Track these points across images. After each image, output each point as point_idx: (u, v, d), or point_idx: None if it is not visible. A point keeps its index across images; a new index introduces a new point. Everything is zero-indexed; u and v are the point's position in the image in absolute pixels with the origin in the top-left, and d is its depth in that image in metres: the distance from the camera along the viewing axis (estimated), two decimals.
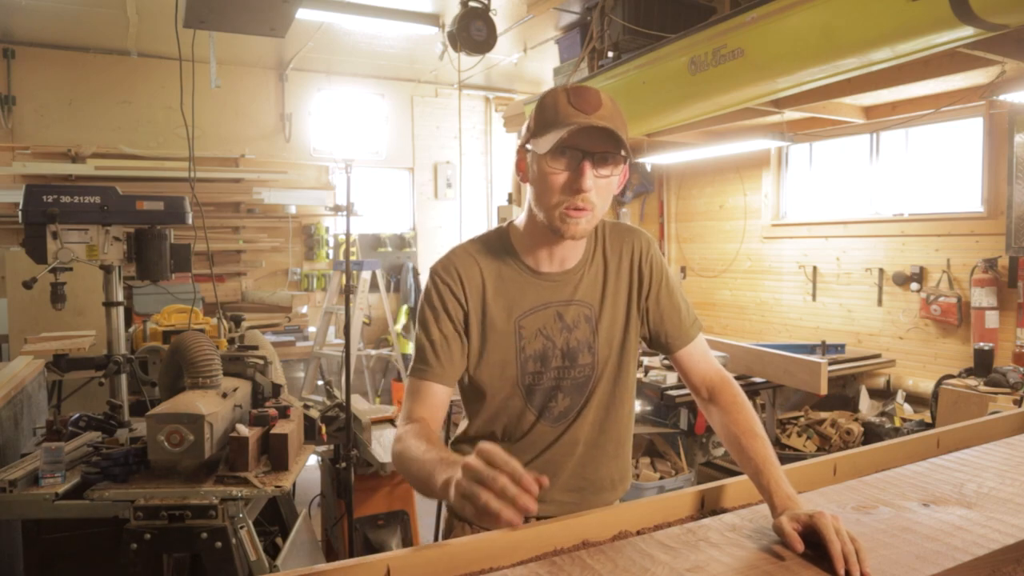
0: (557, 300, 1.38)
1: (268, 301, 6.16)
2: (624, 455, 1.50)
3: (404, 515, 3.11)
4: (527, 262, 1.38)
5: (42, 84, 5.74)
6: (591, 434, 1.42)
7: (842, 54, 2.99)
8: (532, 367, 1.37)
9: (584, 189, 1.23)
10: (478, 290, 1.36)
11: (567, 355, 1.38)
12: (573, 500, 1.42)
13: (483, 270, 1.37)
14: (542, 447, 1.41)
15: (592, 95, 1.25)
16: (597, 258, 1.42)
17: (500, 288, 1.37)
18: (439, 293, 1.36)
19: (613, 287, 1.41)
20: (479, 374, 1.39)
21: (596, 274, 1.41)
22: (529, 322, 1.36)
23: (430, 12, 5.11)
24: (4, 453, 2.34)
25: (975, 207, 4.89)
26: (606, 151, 1.24)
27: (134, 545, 1.93)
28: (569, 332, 1.38)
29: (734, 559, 1.00)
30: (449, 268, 1.37)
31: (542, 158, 1.25)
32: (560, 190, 1.25)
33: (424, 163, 7.26)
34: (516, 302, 1.37)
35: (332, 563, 0.99)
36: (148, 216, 2.42)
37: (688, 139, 5.75)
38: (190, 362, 2.21)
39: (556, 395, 1.39)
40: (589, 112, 1.22)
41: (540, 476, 0.95)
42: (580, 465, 1.43)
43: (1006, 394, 3.71)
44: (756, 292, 6.62)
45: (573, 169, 1.24)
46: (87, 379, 2.58)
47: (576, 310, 1.39)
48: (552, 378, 1.38)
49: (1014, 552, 1.00)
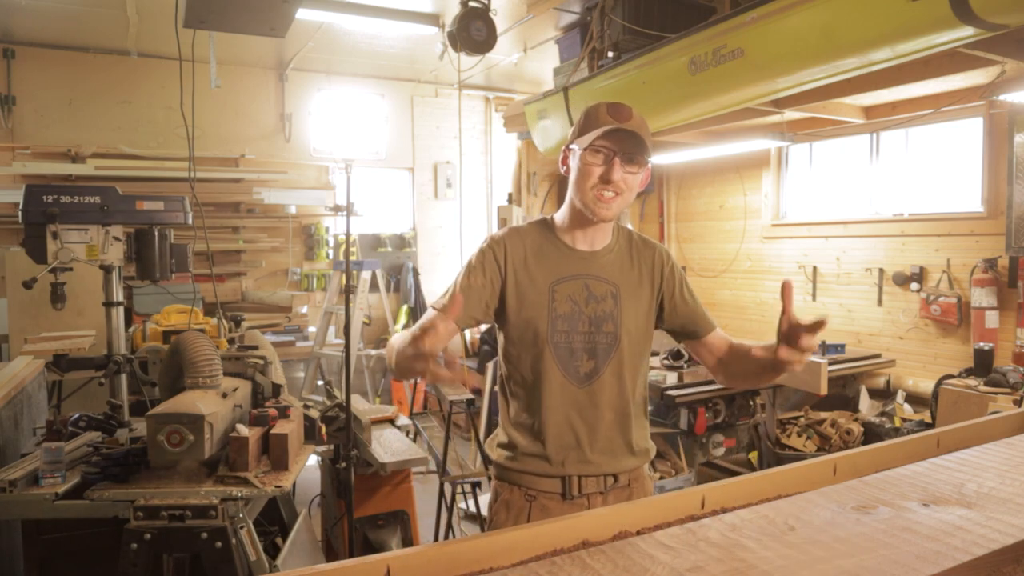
0: (586, 273, 1.66)
1: (268, 301, 6.16)
2: (645, 425, 1.75)
3: (404, 515, 3.11)
4: (565, 240, 1.69)
5: (42, 84, 5.74)
6: (615, 399, 1.65)
7: (842, 54, 2.99)
8: (561, 326, 1.62)
9: (613, 180, 1.56)
10: (521, 259, 1.65)
11: (593, 322, 1.63)
12: (607, 461, 1.65)
13: (527, 245, 1.67)
14: (575, 408, 1.63)
15: (626, 109, 1.59)
16: (621, 248, 1.72)
17: (541, 258, 1.66)
18: (483, 254, 1.66)
19: (636, 276, 1.69)
20: (515, 329, 1.65)
21: (619, 259, 1.70)
22: (561, 288, 1.64)
23: (430, 12, 5.11)
24: (4, 453, 2.35)
25: (975, 207, 4.89)
26: (633, 152, 1.57)
27: (134, 545, 1.93)
28: (597, 303, 1.64)
29: (734, 559, 1.01)
30: (499, 239, 1.68)
31: (583, 154, 1.58)
32: (595, 179, 1.58)
33: (424, 163, 7.26)
34: (553, 270, 1.65)
35: (332, 563, 0.99)
36: (148, 216, 2.43)
37: (688, 139, 5.75)
38: (190, 362, 2.21)
39: (582, 356, 1.63)
40: (622, 121, 1.56)
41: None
42: (610, 428, 1.65)
43: (1006, 394, 3.71)
44: (756, 292, 6.62)
45: (606, 164, 1.57)
46: (87, 379, 2.58)
47: (603, 286, 1.66)
48: (580, 341, 1.63)
49: (1014, 552, 1.00)
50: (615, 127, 1.54)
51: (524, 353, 1.64)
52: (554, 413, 1.62)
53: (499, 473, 1.72)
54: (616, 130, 1.54)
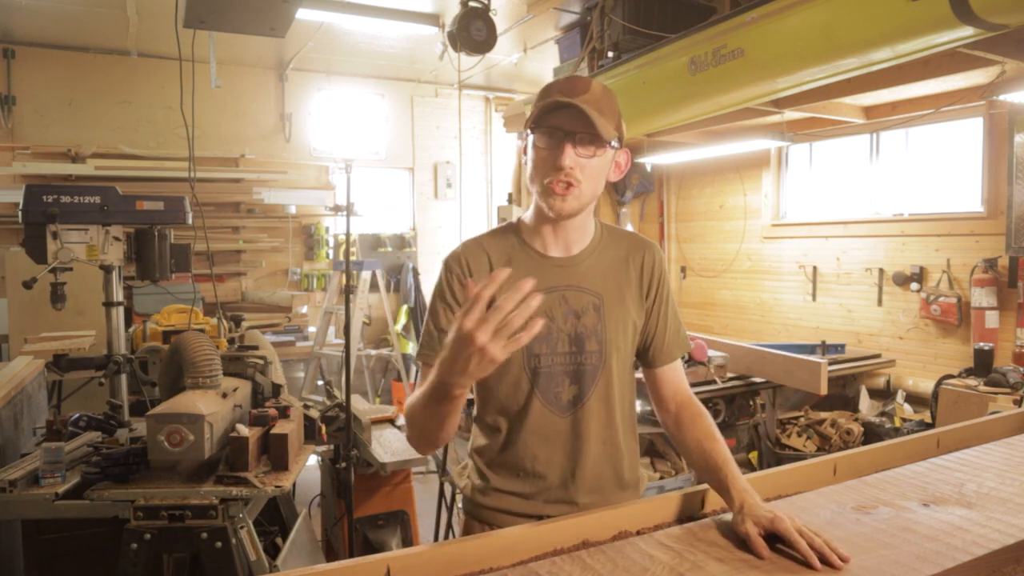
0: (563, 284, 1.41)
1: (268, 301, 6.16)
2: (635, 450, 1.52)
3: (404, 515, 3.11)
4: (535, 246, 1.44)
5: (42, 84, 5.74)
6: (602, 429, 1.43)
7: (842, 54, 2.99)
8: (537, 348, 1.38)
9: (563, 166, 1.29)
10: (485, 275, 1.39)
11: (574, 340, 1.40)
12: (594, 501, 1.41)
13: (491, 256, 1.43)
14: (557, 441, 1.41)
15: (582, 82, 1.32)
16: (605, 250, 1.46)
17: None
18: (448, 283, 1.42)
19: (622, 282, 1.45)
20: None
21: (602, 265, 1.44)
22: None
23: (430, 12, 5.11)
24: (4, 453, 2.34)
25: (975, 207, 4.89)
26: (585, 132, 1.29)
27: (134, 545, 1.92)
28: (577, 319, 1.40)
29: (734, 559, 1.00)
30: (458, 258, 1.44)
31: (534, 138, 1.34)
32: (544, 166, 1.32)
33: (424, 163, 7.26)
34: None
35: (332, 563, 0.99)
36: (148, 216, 2.42)
37: (688, 139, 5.76)
38: (190, 362, 2.21)
39: (563, 381, 1.40)
40: (573, 95, 1.29)
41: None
42: (597, 463, 1.43)
43: (1006, 394, 3.71)
44: (756, 292, 6.62)
45: (555, 148, 1.31)
46: (87, 379, 2.58)
47: (583, 297, 1.41)
48: (560, 363, 1.40)
49: (1014, 552, 1.00)
50: (559, 100, 1.28)
51: (497, 382, 1.41)
52: (533, 448, 1.41)
53: (470, 509, 1.51)
54: (561, 107, 1.28)
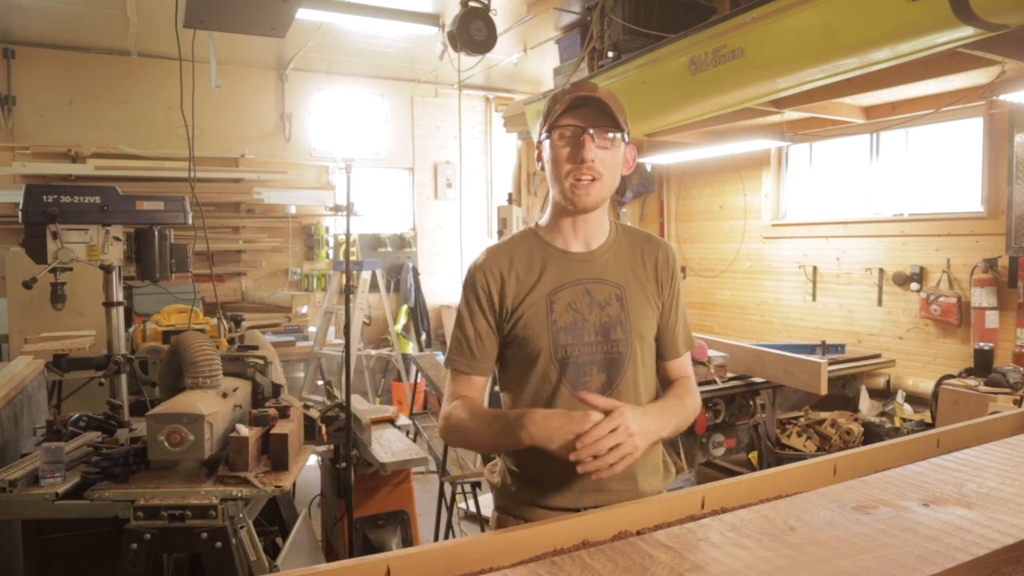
0: (585, 277, 1.48)
1: (268, 301, 6.16)
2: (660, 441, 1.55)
3: (404, 515, 3.11)
4: (556, 244, 1.51)
5: (42, 84, 5.74)
6: None
7: (842, 54, 2.99)
8: (564, 339, 1.45)
9: (586, 159, 1.39)
10: (510, 277, 1.48)
11: (600, 330, 1.46)
12: (628, 488, 1.46)
13: (514, 259, 1.50)
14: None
15: (589, 83, 1.45)
16: (622, 244, 1.54)
17: (531, 269, 1.49)
18: (474, 290, 1.49)
19: (640, 274, 1.52)
20: (516, 350, 1.48)
21: (621, 258, 1.52)
22: (560, 297, 1.47)
23: (430, 12, 5.11)
24: (4, 453, 2.35)
25: (975, 207, 4.89)
26: (602, 124, 1.40)
27: (134, 545, 1.92)
28: (601, 309, 1.47)
29: (734, 559, 1.00)
30: (481, 266, 1.51)
31: (551, 139, 1.43)
32: (567, 162, 1.41)
33: (424, 163, 7.26)
34: (548, 280, 1.47)
35: (332, 563, 0.99)
36: (148, 216, 2.42)
37: (688, 139, 5.75)
38: (190, 362, 2.21)
39: (591, 370, 1.45)
40: (585, 93, 1.40)
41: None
42: None
43: (1006, 394, 3.71)
44: (756, 292, 6.62)
45: (575, 143, 1.40)
46: (87, 379, 2.58)
47: (606, 289, 1.48)
48: (587, 353, 1.45)
49: (1014, 552, 1.00)
50: (578, 95, 1.39)
51: (526, 375, 1.47)
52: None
53: (503, 504, 1.54)
54: (580, 102, 1.39)
